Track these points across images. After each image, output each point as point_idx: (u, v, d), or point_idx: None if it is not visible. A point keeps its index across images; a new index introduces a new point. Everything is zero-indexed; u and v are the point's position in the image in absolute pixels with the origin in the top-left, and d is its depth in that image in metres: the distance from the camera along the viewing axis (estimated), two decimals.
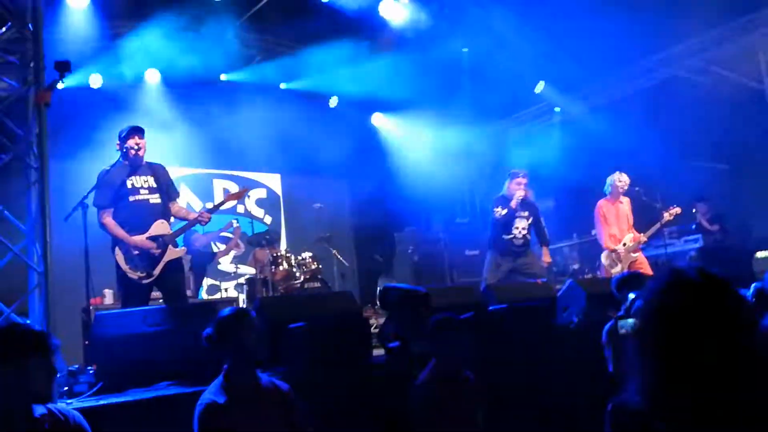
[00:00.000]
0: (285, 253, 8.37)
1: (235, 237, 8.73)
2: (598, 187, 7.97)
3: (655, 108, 9.05)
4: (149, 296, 5.23)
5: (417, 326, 4.27)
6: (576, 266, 9.86)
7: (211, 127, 9.71)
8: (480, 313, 4.72)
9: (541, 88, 10.32)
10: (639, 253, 7.51)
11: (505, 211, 7.12)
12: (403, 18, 9.13)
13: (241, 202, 10.65)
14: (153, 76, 9.30)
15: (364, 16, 8.99)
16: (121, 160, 5.25)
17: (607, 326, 4.26)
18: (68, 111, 7.85)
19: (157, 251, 5.10)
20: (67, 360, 4.30)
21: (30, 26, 4.97)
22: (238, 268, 9.24)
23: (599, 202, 7.73)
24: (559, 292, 5.97)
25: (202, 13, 8.89)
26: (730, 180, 9.06)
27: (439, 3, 9.12)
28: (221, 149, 10.13)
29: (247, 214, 10.54)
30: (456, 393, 3.60)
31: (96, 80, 8.79)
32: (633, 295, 3.88)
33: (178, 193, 5.64)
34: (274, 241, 8.99)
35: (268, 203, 11.25)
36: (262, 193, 11.28)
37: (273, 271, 8.04)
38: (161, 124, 8.73)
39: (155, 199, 5.26)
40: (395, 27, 9.17)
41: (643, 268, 7.24)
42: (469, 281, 8.78)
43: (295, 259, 8.17)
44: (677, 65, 9.03)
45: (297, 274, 8.06)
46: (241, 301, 8.45)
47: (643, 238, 7.46)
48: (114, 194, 5.12)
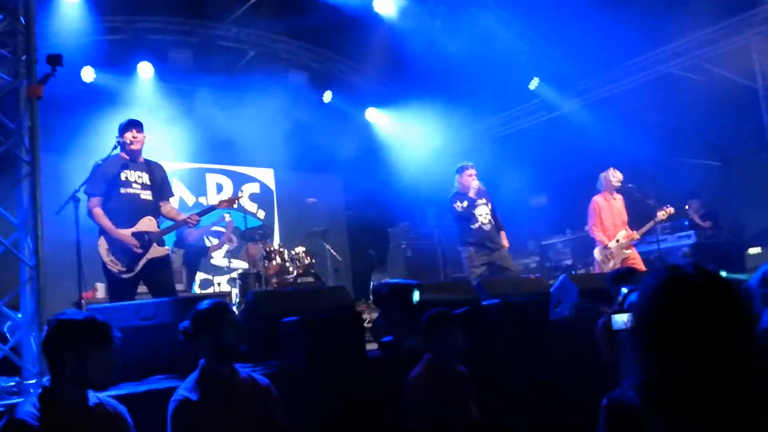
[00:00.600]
0: (278, 247, 8.36)
1: (228, 231, 8.70)
2: (591, 184, 7.99)
3: (648, 105, 9.07)
4: (135, 290, 5.19)
5: (410, 321, 4.27)
6: (569, 262, 9.88)
7: (204, 122, 9.68)
8: (473, 308, 4.72)
9: (535, 84, 10.32)
10: (632, 250, 7.55)
11: (466, 203, 7.20)
12: (398, 14, 9.12)
13: (238, 203, 10.61)
14: (146, 70, 9.26)
15: (358, 13, 8.98)
16: (117, 152, 5.24)
17: (600, 321, 4.27)
18: (60, 104, 7.83)
19: (139, 250, 5.09)
20: None
21: (22, 19, 4.93)
22: (230, 263, 9.23)
23: (594, 198, 7.76)
24: (552, 288, 5.98)
25: (196, 7, 8.87)
26: (723, 177, 9.10)
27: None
28: (214, 143, 10.11)
29: (240, 208, 10.51)
30: (449, 387, 3.61)
31: (88, 74, 8.75)
32: (626, 290, 3.89)
33: (172, 194, 5.64)
34: (267, 235, 8.98)
35: (262, 198, 11.24)
36: (256, 188, 11.26)
37: (266, 265, 8.02)
38: (154, 118, 8.68)
39: (146, 195, 5.25)
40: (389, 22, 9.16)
41: (636, 264, 7.27)
42: (463, 276, 8.79)
43: (289, 254, 8.16)
44: (671, 63, 9.05)
45: (290, 269, 8.05)
46: (234, 296, 8.44)
47: (636, 235, 7.50)
48: (106, 184, 5.12)
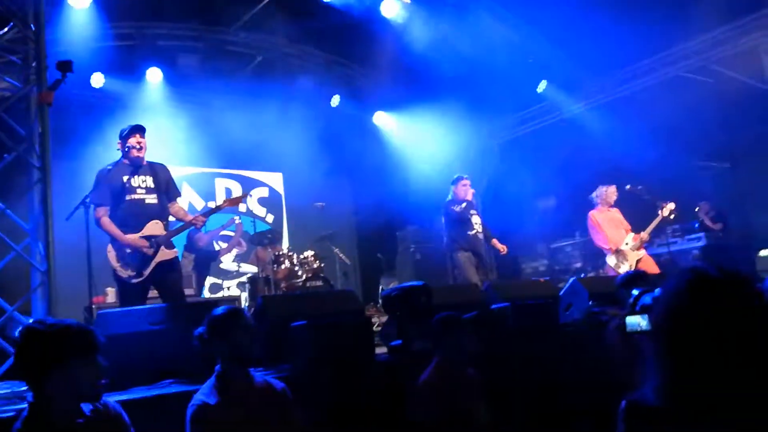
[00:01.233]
0: (287, 251, 8.38)
1: (237, 235, 8.72)
2: (599, 186, 7.98)
3: (657, 107, 9.03)
4: (145, 295, 5.21)
5: (419, 324, 4.27)
6: (578, 265, 9.85)
7: (212, 126, 9.73)
8: (483, 311, 4.71)
9: (543, 87, 10.31)
10: (643, 252, 7.55)
11: (464, 205, 7.44)
12: (404, 17, 9.13)
13: (243, 201, 10.65)
14: (155, 75, 9.31)
15: (365, 16, 9.00)
16: (121, 159, 5.25)
17: (612, 324, 4.25)
18: (70, 110, 7.89)
19: (150, 251, 5.09)
20: None
21: (32, 26, 4.98)
22: (240, 267, 9.26)
23: (590, 213, 7.86)
24: (562, 291, 5.96)
25: (204, 13, 8.91)
26: (733, 179, 9.05)
27: (440, 2, 9.12)
28: (223, 148, 10.14)
29: (249, 213, 10.55)
30: (459, 390, 3.60)
31: (98, 80, 8.80)
32: (636, 292, 3.86)
33: (179, 193, 5.62)
34: (276, 239, 9.00)
35: (270, 202, 11.27)
36: (264, 192, 11.29)
37: (275, 269, 8.04)
38: (163, 123, 8.74)
39: (152, 199, 5.24)
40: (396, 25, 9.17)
41: (649, 267, 7.29)
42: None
43: (297, 258, 8.17)
44: (679, 65, 9.02)
45: (299, 273, 8.06)
46: (243, 300, 8.46)
47: (644, 235, 7.50)
48: (111, 193, 5.12)
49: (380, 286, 9.91)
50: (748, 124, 8.64)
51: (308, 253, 8.27)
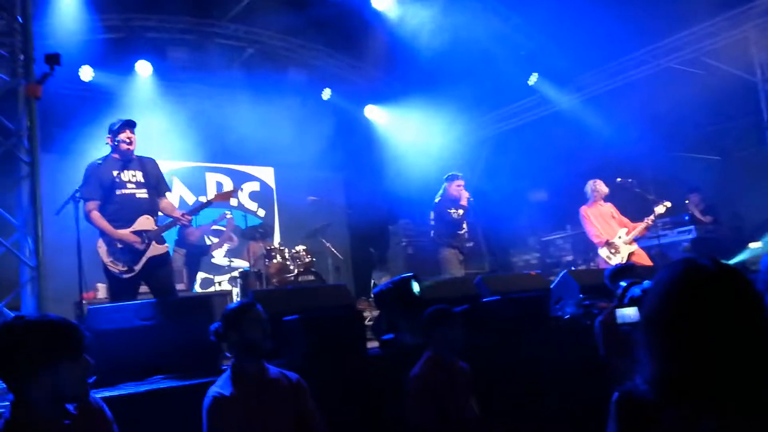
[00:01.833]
0: (279, 246, 8.35)
1: (228, 229, 8.68)
2: (590, 179, 8.00)
3: (647, 100, 9.05)
4: (136, 291, 5.17)
5: (410, 318, 4.28)
6: (569, 258, 9.88)
7: (203, 120, 9.67)
8: (474, 304, 4.72)
9: (534, 80, 10.31)
10: (636, 246, 7.60)
11: (462, 212, 7.54)
12: (396, 9, 9.11)
13: (234, 196, 10.61)
14: (144, 69, 9.24)
15: (357, 8, 8.97)
16: (111, 153, 5.20)
17: (600, 316, 4.27)
18: (59, 104, 7.82)
19: (142, 246, 5.07)
20: None
21: (19, 18, 4.94)
22: (231, 262, 9.22)
23: (581, 208, 7.92)
24: (553, 284, 5.98)
25: (193, 5, 8.85)
26: (722, 171, 9.09)
27: None
28: (214, 142, 10.07)
29: (241, 207, 10.51)
30: (450, 383, 3.61)
31: (87, 73, 8.73)
32: (625, 284, 3.89)
33: (169, 188, 5.59)
34: (267, 234, 8.97)
35: (262, 196, 11.23)
36: (256, 186, 11.25)
37: (267, 264, 8.02)
38: (153, 116, 8.68)
39: (142, 194, 5.21)
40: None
41: (641, 260, 7.37)
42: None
43: (289, 252, 8.15)
44: (670, 57, 9.03)
45: (291, 267, 8.04)
46: (235, 295, 8.43)
47: (640, 228, 7.57)
48: (101, 187, 5.07)
49: (372, 281, 9.90)
50: (738, 116, 8.67)
51: (300, 248, 8.25)
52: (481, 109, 11.22)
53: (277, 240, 10.03)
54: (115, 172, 5.12)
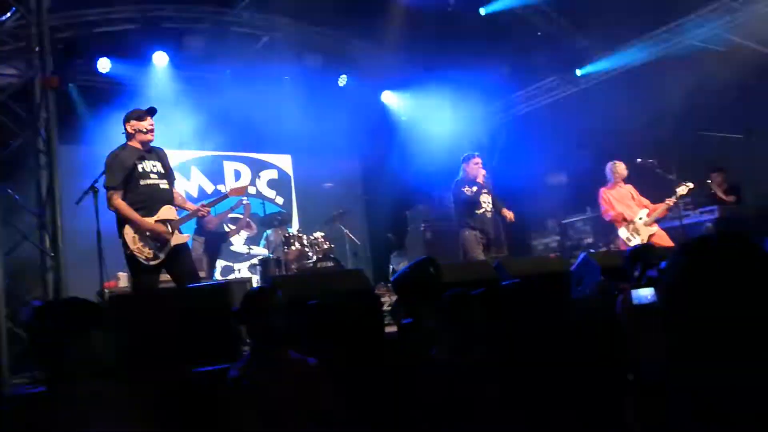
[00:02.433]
0: (297, 233, 8.38)
1: (245, 215, 8.71)
2: (610, 160, 7.92)
3: (668, 78, 8.89)
4: (158, 278, 5.20)
5: (429, 302, 4.26)
6: (590, 240, 9.80)
7: (220, 109, 9.68)
8: (492, 288, 4.69)
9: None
10: (656, 226, 7.51)
11: (475, 188, 7.41)
12: None
13: (252, 183, 10.65)
14: (161, 59, 9.26)
15: None
16: (127, 142, 5.18)
17: (620, 298, 4.22)
18: (77, 95, 7.88)
19: (169, 235, 5.08)
20: None
21: (34, 11, 4.96)
22: (251, 249, 9.26)
23: (601, 189, 7.85)
24: (573, 266, 5.92)
25: None
26: (745, 150, 8.90)
27: None
28: (231, 131, 10.10)
29: (259, 195, 10.55)
30: (469, 368, 3.59)
31: (104, 65, 8.78)
32: (642, 265, 3.84)
33: (175, 178, 5.61)
34: (285, 221, 8.99)
35: (280, 184, 11.25)
36: (273, 174, 11.27)
37: (285, 251, 8.05)
38: (170, 106, 8.70)
39: (164, 184, 5.21)
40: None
41: (662, 241, 7.28)
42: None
43: (308, 239, 8.18)
44: (691, 34, 8.86)
45: (309, 254, 8.07)
46: (255, 282, 8.48)
47: (663, 207, 7.48)
48: (125, 176, 5.04)
49: (390, 266, 9.90)
50: (761, 93, 8.49)
51: (318, 234, 8.27)
52: (498, 91, 11.12)
53: (295, 227, 10.06)
54: (137, 162, 5.08)
